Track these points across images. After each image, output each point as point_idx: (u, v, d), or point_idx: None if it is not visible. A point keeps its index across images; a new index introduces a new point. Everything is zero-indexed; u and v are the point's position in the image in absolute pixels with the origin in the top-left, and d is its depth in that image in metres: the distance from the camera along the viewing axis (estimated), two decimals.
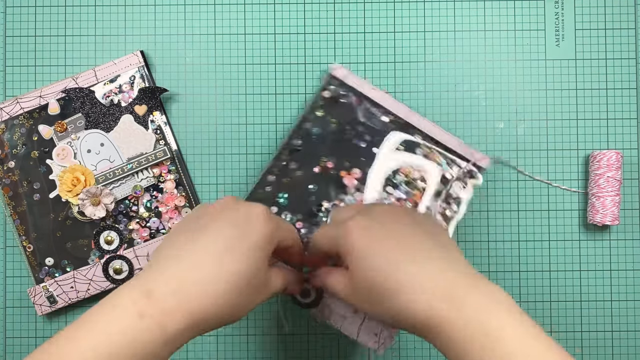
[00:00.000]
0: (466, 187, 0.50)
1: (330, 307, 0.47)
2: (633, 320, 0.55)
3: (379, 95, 0.52)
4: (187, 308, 0.32)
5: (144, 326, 0.31)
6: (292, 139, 0.52)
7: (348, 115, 0.52)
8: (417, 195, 0.50)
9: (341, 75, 0.52)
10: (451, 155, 0.51)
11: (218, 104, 0.55)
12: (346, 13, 0.55)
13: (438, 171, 0.50)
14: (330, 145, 0.51)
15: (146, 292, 0.32)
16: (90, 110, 0.53)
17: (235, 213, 0.36)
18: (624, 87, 0.55)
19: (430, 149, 0.51)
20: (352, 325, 0.47)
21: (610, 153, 0.52)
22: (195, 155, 0.55)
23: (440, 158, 0.50)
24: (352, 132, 0.51)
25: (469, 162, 0.50)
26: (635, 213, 0.55)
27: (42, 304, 0.53)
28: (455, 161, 0.51)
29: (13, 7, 0.55)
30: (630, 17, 0.55)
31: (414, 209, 0.40)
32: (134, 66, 0.54)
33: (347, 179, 0.51)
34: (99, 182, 0.53)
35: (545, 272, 0.55)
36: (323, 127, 0.52)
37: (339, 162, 0.51)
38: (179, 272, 0.33)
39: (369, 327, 0.47)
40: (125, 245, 0.53)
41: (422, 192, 0.50)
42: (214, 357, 0.55)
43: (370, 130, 0.51)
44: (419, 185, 0.50)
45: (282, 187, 0.51)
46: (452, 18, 0.55)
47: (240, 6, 0.55)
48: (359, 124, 0.52)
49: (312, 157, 0.51)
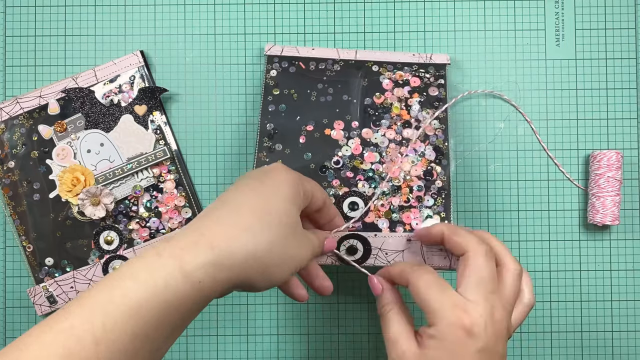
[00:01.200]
0: (441, 83, 0.52)
1: (384, 251, 0.47)
2: (633, 320, 0.55)
3: (320, 51, 0.53)
4: (207, 241, 0.32)
5: (161, 262, 0.31)
6: (263, 124, 0.52)
7: (303, 81, 0.53)
8: (403, 113, 0.52)
9: (277, 52, 0.53)
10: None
11: (218, 104, 0.55)
12: (346, 13, 0.55)
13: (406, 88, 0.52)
14: (302, 113, 0.52)
15: (166, 238, 0.33)
16: (90, 110, 0.53)
17: (254, 173, 0.37)
18: (624, 87, 0.55)
19: (393, 71, 0.52)
20: (415, 252, 0.47)
21: (610, 153, 0.52)
22: (195, 155, 0.55)
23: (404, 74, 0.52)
24: (314, 93, 0.52)
25: (429, 65, 0.53)
26: (635, 213, 0.55)
27: (42, 304, 0.53)
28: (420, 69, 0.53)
29: (13, 7, 0.55)
30: (630, 17, 0.55)
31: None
32: (133, 66, 0.54)
33: (334, 133, 0.51)
34: (99, 182, 0.53)
35: (545, 272, 0.55)
36: (286, 102, 0.52)
37: (318, 124, 0.52)
38: (198, 218, 0.34)
39: (432, 250, 0.46)
40: (125, 245, 0.53)
41: (405, 110, 0.52)
42: (214, 357, 0.55)
43: (329, 82, 0.53)
44: (396, 106, 0.52)
45: None
46: (452, 18, 0.55)
47: (240, 6, 0.55)
48: (317, 82, 0.53)
49: (292, 131, 0.51)
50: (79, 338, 0.28)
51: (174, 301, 0.30)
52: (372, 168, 0.50)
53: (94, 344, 0.28)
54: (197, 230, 0.33)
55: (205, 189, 0.55)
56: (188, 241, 0.32)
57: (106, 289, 0.30)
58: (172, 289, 0.30)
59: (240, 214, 0.33)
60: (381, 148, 0.51)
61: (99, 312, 0.29)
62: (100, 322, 0.29)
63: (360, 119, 0.52)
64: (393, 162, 0.50)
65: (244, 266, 0.32)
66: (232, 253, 0.32)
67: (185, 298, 0.31)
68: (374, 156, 0.51)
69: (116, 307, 0.29)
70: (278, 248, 0.34)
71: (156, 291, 0.30)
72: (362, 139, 0.51)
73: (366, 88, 0.52)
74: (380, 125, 0.51)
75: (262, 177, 0.36)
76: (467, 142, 0.55)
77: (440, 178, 0.50)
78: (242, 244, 0.32)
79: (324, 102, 0.52)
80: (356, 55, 0.53)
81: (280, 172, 0.37)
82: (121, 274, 0.31)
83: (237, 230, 0.32)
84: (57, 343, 0.28)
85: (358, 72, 0.53)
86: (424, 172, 0.50)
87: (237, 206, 0.34)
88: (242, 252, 0.32)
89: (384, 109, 0.52)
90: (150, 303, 0.30)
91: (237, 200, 0.34)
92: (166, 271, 0.30)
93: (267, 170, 0.37)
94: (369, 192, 0.49)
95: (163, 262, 0.31)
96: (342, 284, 0.55)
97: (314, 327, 0.55)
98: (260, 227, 0.33)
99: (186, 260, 0.31)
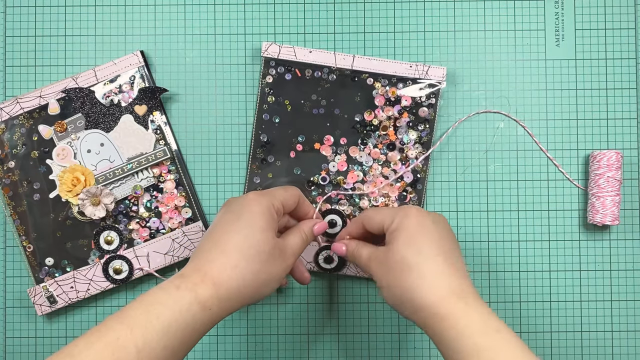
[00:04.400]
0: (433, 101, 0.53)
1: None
2: (633, 320, 0.55)
3: (317, 56, 0.53)
4: (210, 279, 0.41)
5: (180, 294, 0.40)
6: (257, 134, 0.53)
7: (297, 91, 0.53)
8: (390, 133, 0.53)
9: (274, 53, 0.53)
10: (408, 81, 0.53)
11: (218, 104, 0.55)
12: (346, 13, 0.55)
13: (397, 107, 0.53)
14: (294, 125, 0.53)
15: (179, 275, 0.42)
16: (90, 110, 0.53)
17: (232, 206, 0.45)
18: (624, 87, 0.55)
19: (385, 85, 0.53)
20: None
21: (610, 153, 0.52)
22: (195, 155, 0.55)
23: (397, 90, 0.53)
24: (307, 104, 0.53)
25: (424, 82, 0.53)
26: (635, 213, 0.55)
27: (42, 304, 0.53)
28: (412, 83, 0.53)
29: (13, 7, 0.55)
30: (630, 17, 0.55)
31: None
32: (134, 66, 0.54)
33: (323, 148, 0.53)
34: (99, 182, 0.53)
35: (545, 272, 0.55)
36: (280, 113, 0.53)
37: (308, 138, 0.53)
38: (197, 258, 0.43)
39: None
40: (125, 245, 0.53)
41: (392, 130, 0.53)
42: (214, 357, 0.55)
43: (323, 94, 0.53)
44: (384, 125, 0.53)
45: (270, 183, 0.54)
46: (452, 18, 0.55)
47: (240, 6, 0.55)
48: (311, 93, 0.53)
49: (283, 144, 0.53)
50: (125, 348, 0.36)
51: (193, 323, 0.39)
52: (354, 186, 0.53)
53: (137, 353, 0.37)
54: (201, 269, 0.41)
55: (205, 189, 0.55)
56: (197, 279, 0.41)
57: (142, 311, 0.38)
58: (192, 313, 0.39)
59: (227, 255, 0.42)
60: (365, 167, 0.53)
61: (139, 329, 0.37)
62: (141, 336, 0.37)
63: (348, 135, 0.53)
64: (374, 183, 0.53)
65: (239, 294, 0.42)
66: (228, 288, 0.41)
67: (201, 320, 0.40)
68: (356, 176, 0.53)
69: (153, 326, 0.38)
70: (263, 274, 0.42)
71: (181, 315, 0.39)
72: (349, 156, 0.53)
73: (358, 104, 0.53)
74: (366, 144, 0.53)
75: (239, 211, 0.44)
76: (467, 142, 0.55)
77: (412, 202, 0.53)
78: (234, 280, 0.41)
79: (316, 115, 0.53)
80: (353, 62, 0.53)
81: (253, 205, 0.44)
82: (151, 300, 0.39)
83: (228, 269, 0.41)
84: (107, 350, 0.36)
85: (352, 85, 0.53)
86: (398, 195, 0.53)
87: (224, 247, 0.42)
88: (235, 285, 0.41)
89: (373, 127, 0.53)
90: (178, 323, 0.38)
91: (223, 240, 0.43)
92: (186, 300, 0.39)
93: (243, 204, 0.44)
94: (347, 211, 0.53)
95: (182, 293, 0.40)
96: (342, 284, 0.55)
97: (313, 327, 0.55)
98: (245, 262, 0.42)
99: (199, 292, 0.40)
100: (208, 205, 0.55)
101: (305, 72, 0.53)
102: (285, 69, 0.53)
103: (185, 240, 0.54)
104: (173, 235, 0.53)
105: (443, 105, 0.55)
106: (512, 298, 0.55)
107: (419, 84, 0.53)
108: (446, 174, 0.55)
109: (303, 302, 0.55)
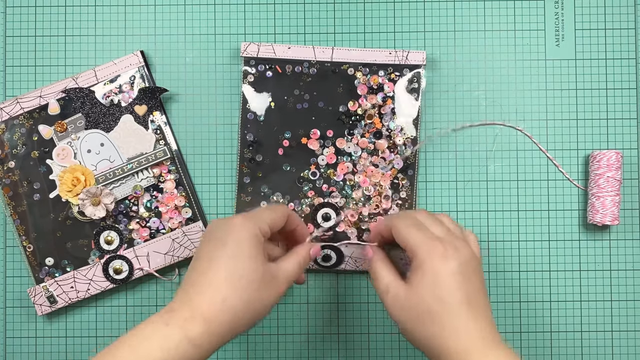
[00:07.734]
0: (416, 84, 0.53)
1: (353, 258, 0.54)
2: (633, 320, 0.55)
3: (296, 51, 0.53)
4: (200, 314, 0.39)
5: (170, 331, 0.38)
6: (243, 133, 0.53)
7: (280, 87, 0.53)
8: (375, 121, 0.53)
9: (253, 52, 0.53)
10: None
11: (218, 104, 0.55)
12: (346, 13, 0.55)
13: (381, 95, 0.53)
14: (279, 122, 0.53)
15: (169, 309, 0.40)
16: (90, 110, 0.53)
17: (217, 232, 0.42)
18: (624, 87, 0.55)
19: (366, 74, 0.53)
20: None
21: (610, 153, 0.52)
22: (195, 155, 0.55)
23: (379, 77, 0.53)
24: (291, 100, 0.53)
25: (405, 67, 0.53)
26: (635, 213, 0.55)
27: (42, 304, 0.53)
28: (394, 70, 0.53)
29: (13, 7, 0.55)
30: (630, 17, 0.55)
31: None
32: (134, 66, 0.54)
33: (310, 143, 0.53)
34: (99, 182, 0.53)
35: (545, 272, 0.55)
36: (265, 110, 0.53)
37: (294, 134, 0.53)
38: (185, 291, 0.41)
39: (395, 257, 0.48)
40: (125, 245, 0.53)
41: (377, 118, 0.53)
42: (214, 357, 0.55)
43: (306, 88, 0.53)
44: (369, 114, 0.53)
45: (260, 182, 0.53)
46: (452, 18, 0.55)
47: (241, 6, 0.55)
48: (293, 88, 0.53)
49: (270, 142, 0.53)
50: None
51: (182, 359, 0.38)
52: (344, 178, 0.53)
53: None
54: (189, 303, 0.40)
55: (205, 189, 0.55)
56: (187, 315, 0.39)
57: (130, 348, 0.38)
58: (181, 351, 0.38)
59: (216, 287, 0.40)
60: (354, 158, 0.53)
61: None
62: None
63: (335, 127, 0.53)
64: (365, 172, 0.53)
65: (231, 328, 0.40)
66: (220, 323, 0.39)
67: (191, 356, 0.39)
68: (346, 167, 0.53)
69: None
70: (255, 303, 0.41)
71: (170, 353, 0.38)
72: (337, 148, 0.53)
73: (341, 95, 0.53)
74: (353, 134, 0.53)
75: (224, 238, 0.41)
76: (467, 142, 0.55)
77: (405, 188, 0.53)
78: (225, 314, 0.39)
79: (300, 110, 0.53)
80: (332, 54, 0.53)
81: (239, 231, 0.41)
82: (140, 337, 0.38)
83: (218, 303, 0.39)
84: None
85: (333, 76, 0.53)
86: (390, 182, 0.53)
87: (212, 278, 0.40)
88: (227, 319, 0.39)
89: (358, 116, 0.53)
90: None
91: (211, 270, 0.40)
92: (176, 338, 0.38)
93: (227, 230, 0.42)
94: (340, 203, 0.53)
95: (171, 331, 0.38)
96: (342, 284, 0.55)
97: (314, 327, 0.55)
98: (235, 294, 0.40)
99: (189, 328, 0.39)
100: (208, 205, 0.55)
101: (285, 68, 0.53)
102: (266, 67, 0.53)
103: (185, 240, 0.54)
104: (173, 235, 0.53)
105: (443, 105, 0.55)
106: (512, 298, 0.55)
107: (403, 77, 0.53)
108: (446, 174, 0.55)
109: (303, 302, 0.55)
